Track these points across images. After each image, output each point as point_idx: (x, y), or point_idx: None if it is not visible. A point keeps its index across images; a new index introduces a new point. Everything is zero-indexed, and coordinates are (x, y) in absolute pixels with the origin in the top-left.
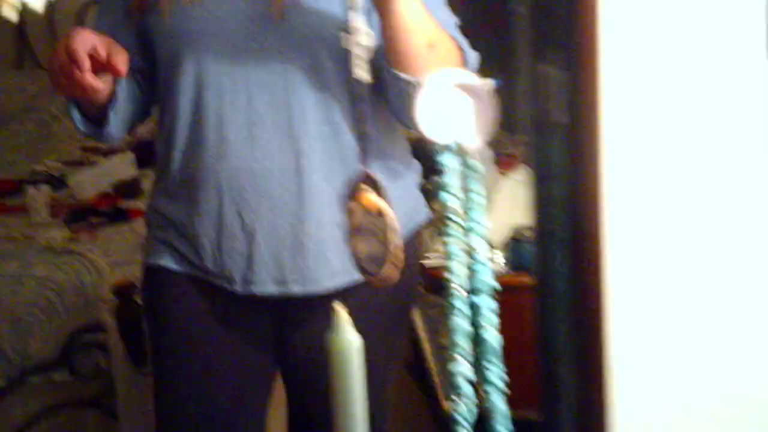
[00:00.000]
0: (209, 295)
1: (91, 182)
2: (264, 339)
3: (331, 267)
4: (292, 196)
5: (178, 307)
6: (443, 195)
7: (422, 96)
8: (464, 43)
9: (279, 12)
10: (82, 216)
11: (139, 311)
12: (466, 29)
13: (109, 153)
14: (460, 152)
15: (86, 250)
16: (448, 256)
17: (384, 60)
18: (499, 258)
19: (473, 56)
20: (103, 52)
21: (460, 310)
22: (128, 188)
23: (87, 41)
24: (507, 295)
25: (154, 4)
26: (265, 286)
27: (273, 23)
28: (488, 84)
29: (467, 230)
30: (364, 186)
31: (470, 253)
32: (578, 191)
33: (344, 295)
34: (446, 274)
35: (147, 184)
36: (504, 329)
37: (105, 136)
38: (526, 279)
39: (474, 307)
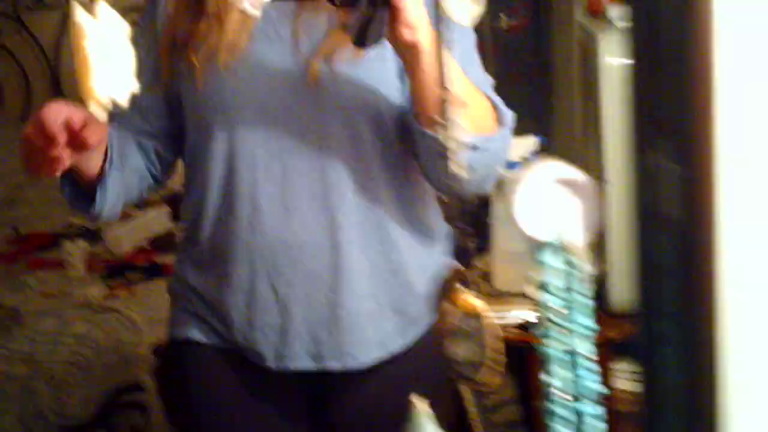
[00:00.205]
0: (240, 369)
1: (127, 236)
2: (297, 413)
3: (368, 341)
4: (328, 268)
5: (208, 381)
6: (544, 295)
7: (522, 191)
8: (499, 101)
9: (315, 79)
10: (119, 271)
11: None
12: None
13: (144, 206)
14: (563, 250)
15: (124, 306)
16: (547, 359)
17: (412, 117)
18: None
19: (510, 115)
20: (77, 124)
21: (561, 417)
22: (164, 242)
23: (60, 113)
24: None
25: (186, 69)
26: (300, 361)
27: (309, 91)
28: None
29: (570, 333)
30: (459, 286)
31: (573, 356)
32: (691, 290)
33: (383, 366)
34: (545, 378)
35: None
36: None
37: (93, 216)
38: None
39: (578, 414)
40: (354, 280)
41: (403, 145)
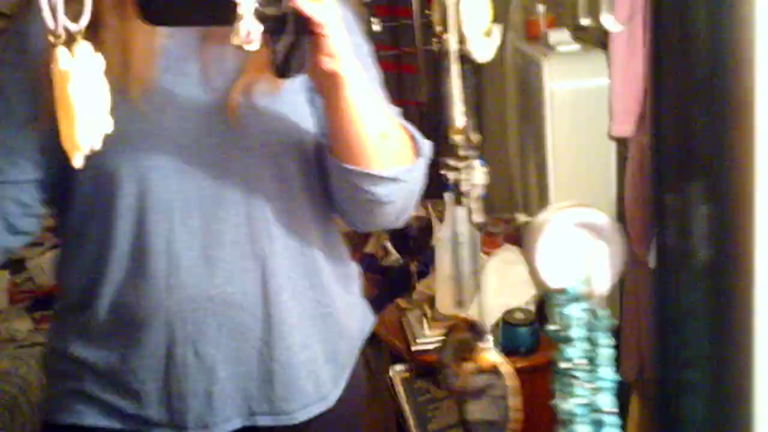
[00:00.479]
0: None
1: (52, 266)
2: None
3: (303, 394)
4: (259, 321)
5: None
6: (567, 350)
7: (542, 239)
8: (414, 130)
9: (235, 116)
10: (44, 303)
11: None
12: None
13: None
14: (587, 299)
15: None
16: (570, 416)
17: (329, 152)
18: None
19: (426, 145)
20: None
21: None
22: None
23: None
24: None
25: None
26: (228, 424)
27: (228, 129)
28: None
29: (593, 387)
30: (480, 344)
31: (594, 411)
32: (722, 338)
33: (316, 419)
34: None
35: None
36: None
37: None
38: (520, 363)
39: None
40: (287, 331)
41: (322, 181)
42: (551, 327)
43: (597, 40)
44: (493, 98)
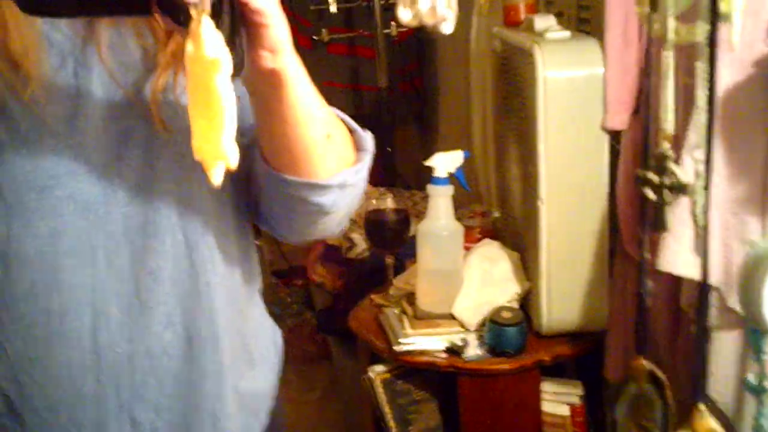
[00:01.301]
0: None
1: None
2: None
3: None
4: (206, 371)
5: None
6: None
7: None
8: (352, 122)
9: (158, 117)
10: None
11: None
12: None
13: None
14: None
15: None
16: None
17: (263, 160)
18: (473, 341)
19: (368, 137)
20: None
21: None
22: None
23: None
24: (484, 383)
25: None
26: None
27: (153, 134)
28: None
29: None
30: (700, 407)
31: None
32: None
33: None
34: None
35: None
36: (478, 418)
37: None
38: (506, 365)
39: None
40: (225, 373)
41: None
42: (749, 377)
43: (575, 24)
44: (452, 84)
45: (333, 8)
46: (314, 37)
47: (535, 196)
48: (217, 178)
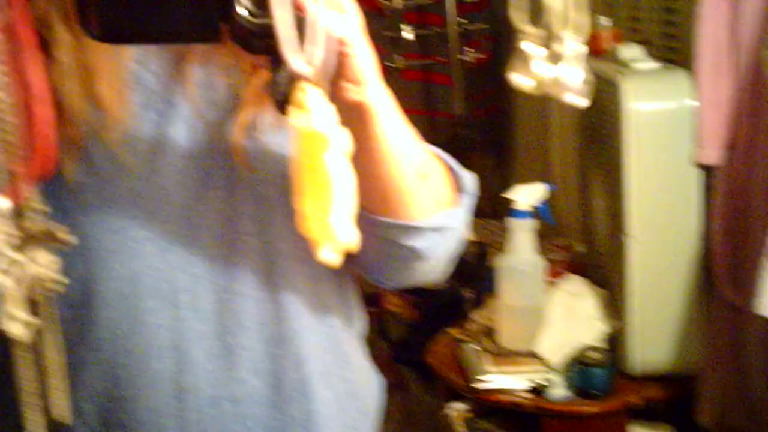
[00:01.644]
0: None
1: None
2: None
3: None
4: (294, 420)
5: None
6: None
7: None
8: (453, 161)
9: (241, 158)
10: None
11: None
12: None
13: None
14: None
15: None
16: None
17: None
18: (558, 382)
19: (469, 178)
20: None
21: None
22: None
23: None
24: (571, 425)
25: None
26: None
27: (236, 175)
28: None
29: None
30: None
31: None
32: None
33: None
34: None
35: None
36: None
37: None
38: (594, 407)
39: None
40: (323, 424)
41: None
42: None
43: (662, 54)
44: (529, 111)
45: (407, 35)
46: (388, 64)
47: (623, 232)
48: (326, 258)
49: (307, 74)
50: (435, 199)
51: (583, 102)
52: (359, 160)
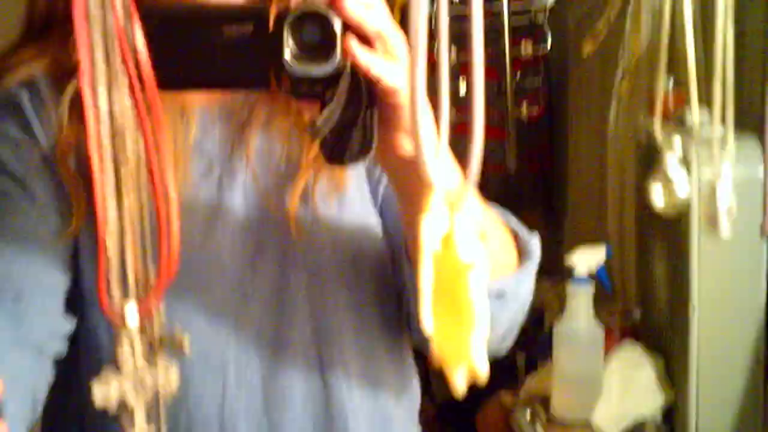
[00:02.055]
0: None
1: None
2: None
3: None
4: None
5: None
6: None
7: None
8: (516, 223)
9: (296, 228)
10: None
11: None
12: None
13: None
14: None
15: None
16: None
17: (406, 260)
18: None
19: (535, 243)
20: None
21: None
22: None
23: None
24: None
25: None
26: None
27: (290, 246)
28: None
29: None
30: None
31: None
32: None
33: None
34: None
35: None
36: None
37: None
38: None
39: None
40: None
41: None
42: None
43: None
44: (584, 170)
45: (462, 90)
46: None
47: (686, 301)
48: (460, 384)
49: (445, 188)
50: (497, 263)
51: (725, 232)
52: (417, 217)
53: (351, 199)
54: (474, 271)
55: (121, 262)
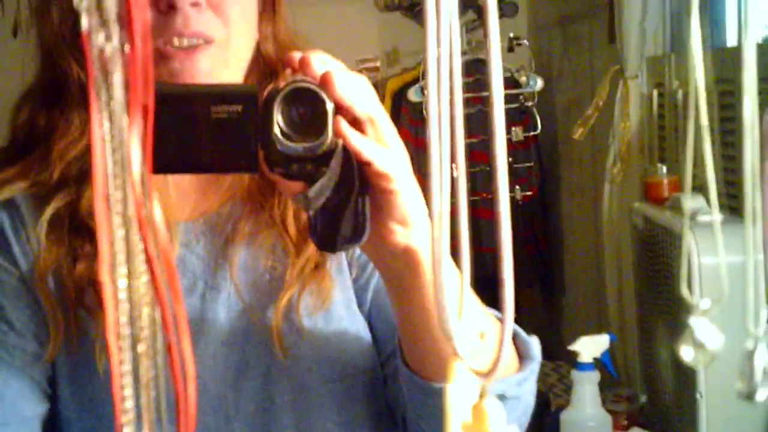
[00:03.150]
0: None
1: None
2: None
3: None
4: None
5: None
6: None
7: None
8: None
9: (281, 345)
10: None
11: None
12: None
13: None
14: None
15: None
16: None
17: (402, 363)
18: None
19: (535, 344)
20: None
21: None
22: None
23: None
24: None
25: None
26: None
27: (275, 363)
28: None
29: None
30: None
31: None
32: None
33: None
34: None
35: None
36: None
37: None
38: None
39: None
40: None
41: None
42: None
43: (725, 203)
44: (581, 251)
45: (455, 173)
46: None
47: (693, 389)
48: None
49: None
50: (492, 361)
51: (763, 396)
52: (411, 315)
53: (338, 312)
54: (490, 418)
55: None
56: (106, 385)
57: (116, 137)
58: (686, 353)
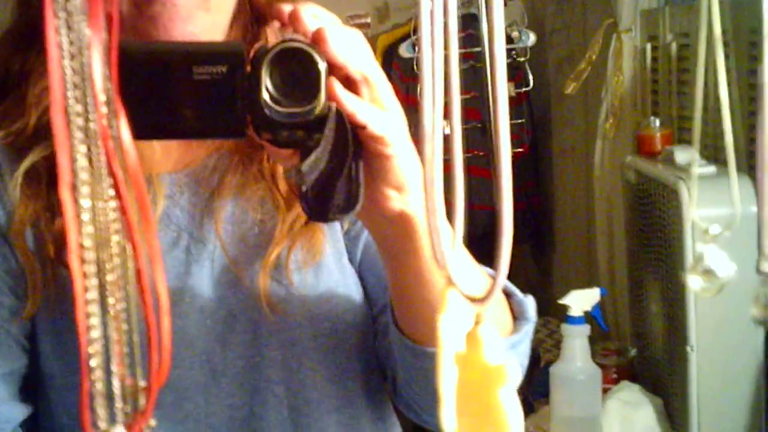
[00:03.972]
0: None
1: None
2: None
3: None
4: None
5: None
6: None
7: None
8: (510, 285)
9: (268, 302)
10: None
11: None
12: None
13: None
14: None
15: None
16: None
17: (394, 326)
18: None
19: (529, 304)
20: None
21: None
22: None
23: None
24: None
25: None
26: None
27: (263, 320)
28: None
29: None
30: None
31: None
32: None
33: None
34: None
35: None
36: None
37: None
38: None
39: None
40: None
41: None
42: None
43: (715, 155)
44: (571, 207)
45: (447, 130)
46: None
47: (683, 342)
48: None
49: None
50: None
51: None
52: (404, 280)
53: (328, 266)
54: (506, 380)
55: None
56: None
57: (75, 44)
58: (694, 282)
